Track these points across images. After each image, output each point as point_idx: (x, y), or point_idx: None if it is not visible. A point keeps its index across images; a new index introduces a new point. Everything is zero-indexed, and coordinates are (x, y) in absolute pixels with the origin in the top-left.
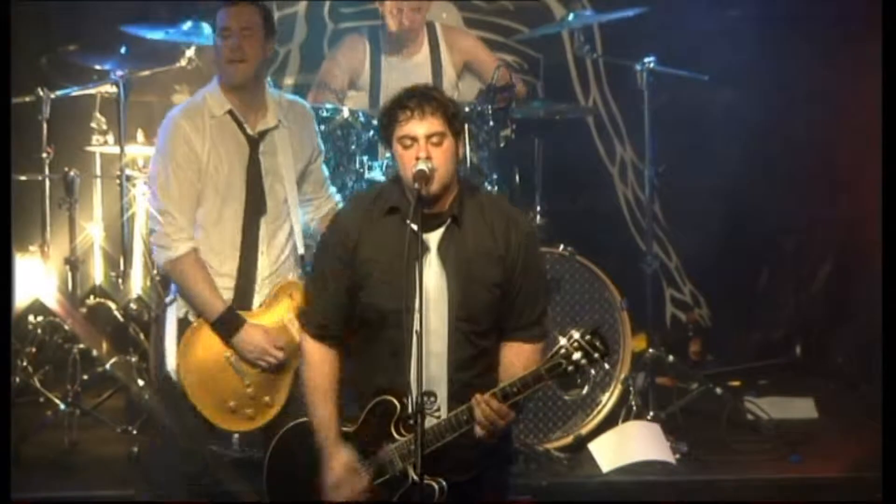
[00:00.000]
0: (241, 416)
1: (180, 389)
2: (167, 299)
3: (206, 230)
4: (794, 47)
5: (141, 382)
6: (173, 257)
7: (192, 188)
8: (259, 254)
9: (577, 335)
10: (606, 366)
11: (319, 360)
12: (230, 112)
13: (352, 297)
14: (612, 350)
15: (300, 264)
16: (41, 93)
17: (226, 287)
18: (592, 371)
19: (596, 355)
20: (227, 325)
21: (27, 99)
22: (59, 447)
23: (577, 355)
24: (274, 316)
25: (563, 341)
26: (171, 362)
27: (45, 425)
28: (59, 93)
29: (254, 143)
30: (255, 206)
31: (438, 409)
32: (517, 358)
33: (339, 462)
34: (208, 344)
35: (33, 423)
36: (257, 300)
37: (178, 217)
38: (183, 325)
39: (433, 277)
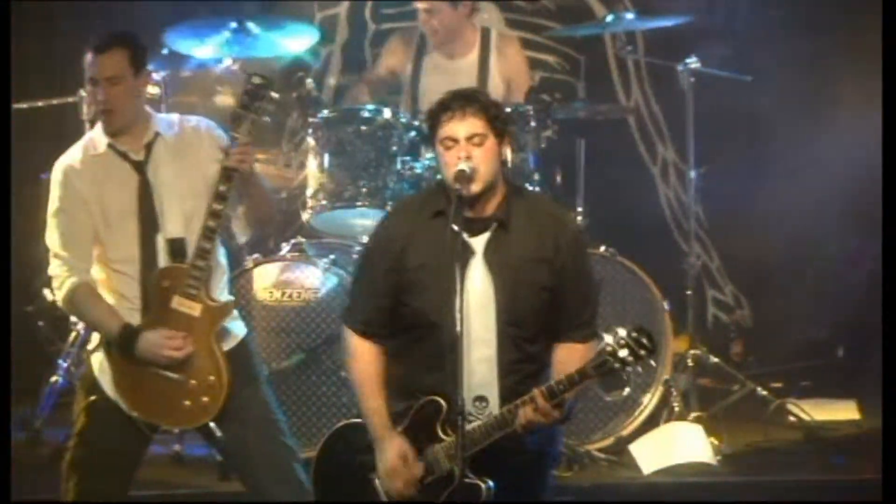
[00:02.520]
0: (201, 407)
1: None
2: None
3: (109, 261)
4: (837, 50)
5: None
6: (64, 295)
7: (79, 227)
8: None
9: (623, 332)
10: (653, 363)
11: (365, 354)
12: (110, 146)
13: (396, 300)
14: (657, 348)
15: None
16: (83, 93)
17: (134, 308)
18: (639, 369)
19: (642, 352)
20: (125, 341)
21: (69, 100)
22: None
23: (623, 353)
24: (165, 311)
25: (608, 339)
26: (111, 393)
27: None
28: None
29: (139, 166)
30: (148, 225)
31: (490, 414)
32: (570, 358)
33: (394, 450)
34: (130, 365)
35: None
36: None
37: (66, 256)
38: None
39: (479, 282)
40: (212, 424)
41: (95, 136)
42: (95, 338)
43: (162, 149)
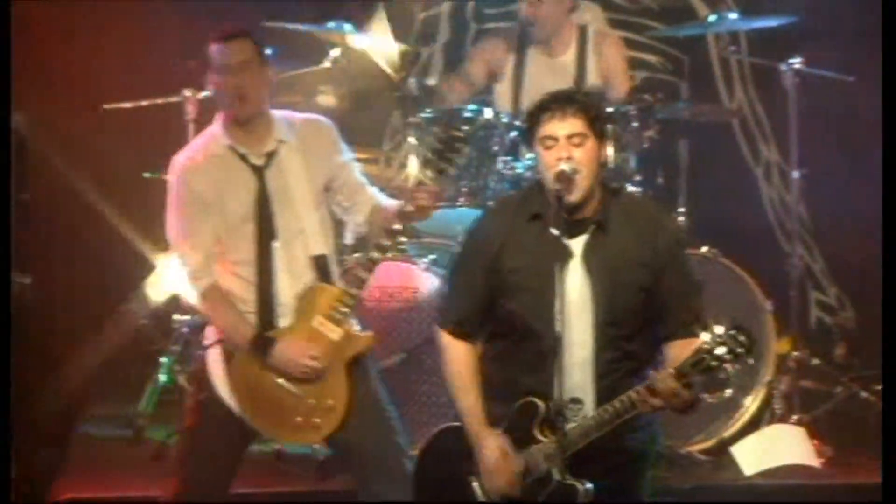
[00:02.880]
0: (311, 426)
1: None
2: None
3: (228, 262)
4: None
5: None
6: (197, 296)
7: (201, 227)
8: (274, 277)
9: (720, 330)
10: (751, 361)
11: (458, 353)
12: (231, 147)
13: (491, 301)
14: (755, 346)
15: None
16: (187, 93)
17: (250, 311)
18: (736, 366)
19: (740, 350)
20: (258, 348)
21: (173, 100)
22: None
23: (720, 350)
24: (304, 326)
25: (706, 336)
26: (224, 393)
27: None
28: (205, 93)
29: (259, 171)
30: (265, 232)
31: (585, 416)
32: (683, 354)
33: (493, 446)
34: (251, 370)
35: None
36: (284, 322)
37: (192, 257)
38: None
39: (577, 283)
40: (316, 446)
41: (216, 135)
42: (211, 334)
43: (286, 155)
